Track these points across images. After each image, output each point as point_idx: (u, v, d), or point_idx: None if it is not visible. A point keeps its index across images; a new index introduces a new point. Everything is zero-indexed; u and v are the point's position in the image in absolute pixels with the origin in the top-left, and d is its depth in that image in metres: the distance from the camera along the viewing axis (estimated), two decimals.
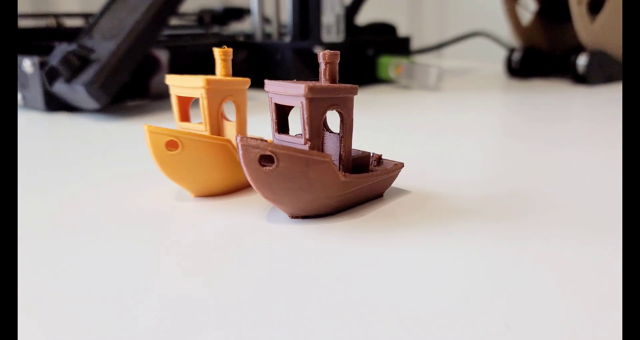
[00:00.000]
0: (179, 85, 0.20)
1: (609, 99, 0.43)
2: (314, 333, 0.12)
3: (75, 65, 0.36)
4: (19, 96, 0.41)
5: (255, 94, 0.49)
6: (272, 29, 0.52)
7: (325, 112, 0.18)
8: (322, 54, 0.18)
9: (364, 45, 0.51)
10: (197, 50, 0.48)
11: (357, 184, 0.19)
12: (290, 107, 0.19)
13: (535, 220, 0.18)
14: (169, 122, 0.36)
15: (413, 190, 0.22)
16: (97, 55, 0.36)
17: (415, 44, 0.83)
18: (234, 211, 0.20)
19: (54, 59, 0.36)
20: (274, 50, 0.48)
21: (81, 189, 0.22)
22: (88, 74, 0.35)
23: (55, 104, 0.39)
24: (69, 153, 0.28)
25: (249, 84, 0.21)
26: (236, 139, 0.17)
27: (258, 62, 0.50)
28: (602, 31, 0.51)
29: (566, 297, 0.13)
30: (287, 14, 0.49)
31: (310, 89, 0.17)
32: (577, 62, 0.51)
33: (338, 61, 0.19)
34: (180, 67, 0.45)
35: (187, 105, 0.21)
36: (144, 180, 0.23)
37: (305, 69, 0.47)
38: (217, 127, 0.20)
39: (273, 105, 0.19)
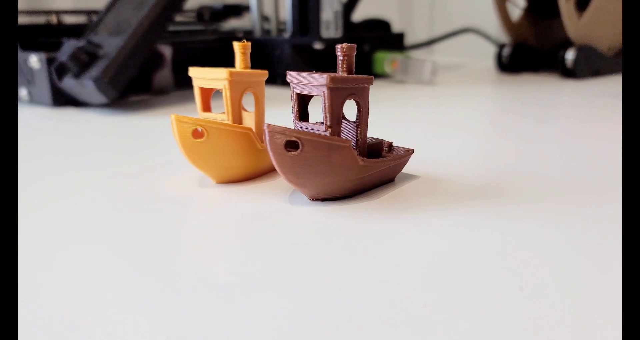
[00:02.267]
0: (202, 77, 0.22)
1: (596, 92, 0.45)
2: (336, 300, 0.13)
3: (84, 61, 0.36)
4: (25, 92, 0.42)
5: None
6: (271, 25, 0.53)
7: (344, 101, 0.19)
8: (340, 47, 0.20)
9: (361, 41, 0.52)
10: (198, 46, 0.49)
11: (374, 168, 0.20)
12: (310, 97, 0.20)
13: (538, 201, 0.20)
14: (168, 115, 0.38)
15: (422, 175, 0.23)
16: (104, 51, 0.37)
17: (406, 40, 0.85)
18: (257, 195, 0.21)
19: (63, 55, 0.37)
20: (273, 46, 0.49)
21: (105, 178, 0.24)
22: (97, 69, 0.36)
23: (62, 99, 0.40)
24: (84, 146, 0.29)
25: (267, 75, 0.23)
26: (263, 126, 0.18)
27: (258, 58, 0.51)
28: (589, 26, 0.53)
29: (570, 262, 0.15)
30: (286, 11, 0.50)
31: (332, 79, 0.18)
32: (565, 57, 0.52)
33: (355, 54, 0.20)
34: (182, 62, 0.46)
35: (208, 96, 0.23)
36: (164, 169, 0.25)
37: (305, 64, 0.48)
38: (238, 117, 0.22)
39: (295, 95, 0.20)
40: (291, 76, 0.20)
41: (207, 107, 0.23)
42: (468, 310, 0.13)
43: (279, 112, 0.38)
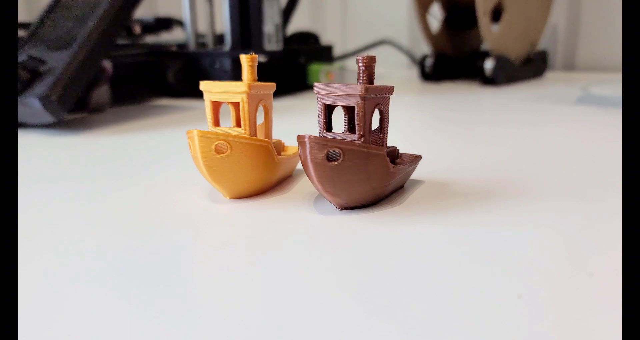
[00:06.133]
0: (216, 90, 0.21)
1: (519, 97, 0.50)
2: (419, 304, 0.14)
3: (25, 78, 0.34)
4: None
5: (201, 103, 0.48)
6: (207, 38, 0.52)
7: (374, 110, 0.20)
8: (361, 59, 0.20)
9: (296, 53, 0.53)
10: (131, 60, 0.47)
11: (399, 174, 0.21)
12: (334, 108, 0.21)
13: (537, 198, 0.22)
14: (115, 134, 0.36)
15: (427, 180, 0.24)
16: (47, 66, 0.34)
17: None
18: (282, 208, 0.21)
19: None
20: (212, 59, 0.48)
21: (101, 205, 0.22)
22: (42, 86, 0.33)
23: None
24: (52, 171, 0.27)
25: (275, 88, 0.23)
26: (304, 138, 0.18)
27: (195, 72, 0.49)
28: (502, 38, 0.57)
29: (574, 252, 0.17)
30: (222, 24, 0.49)
31: (367, 89, 0.19)
32: (484, 66, 0.57)
33: (375, 65, 0.20)
34: (117, 78, 0.44)
35: (218, 110, 0.22)
36: (163, 188, 0.23)
37: None
38: (255, 130, 0.21)
39: (322, 106, 0.20)
40: (319, 87, 0.20)
41: (217, 122, 0.22)
42: (557, 297, 0.14)
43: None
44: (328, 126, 0.20)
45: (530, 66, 0.63)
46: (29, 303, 0.14)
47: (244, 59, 0.22)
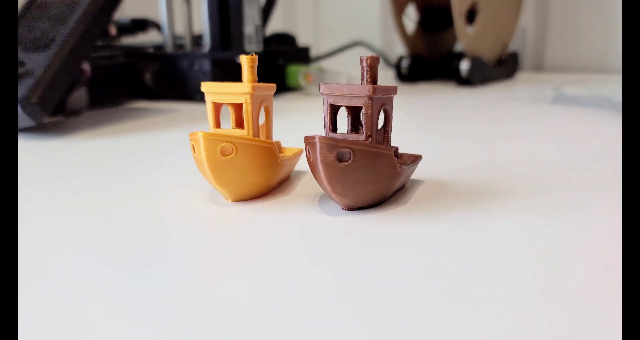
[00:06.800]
0: (219, 91, 0.21)
1: (491, 96, 0.50)
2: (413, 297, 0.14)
3: None
4: None
5: (180, 106, 0.48)
6: (185, 40, 0.51)
7: (380, 110, 0.20)
8: (364, 59, 0.20)
9: (275, 54, 0.52)
10: (108, 62, 0.46)
11: (404, 174, 0.21)
12: (338, 108, 0.20)
13: (535, 196, 0.22)
14: (96, 138, 0.35)
15: (426, 180, 0.24)
16: (27, 68, 0.33)
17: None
18: (284, 210, 0.20)
19: None
20: (190, 61, 0.48)
21: (105, 210, 0.21)
22: (21, 89, 0.32)
23: None
24: (42, 175, 0.26)
25: (275, 89, 0.22)
26: (313, 138, 0.18)
27: (173, 74, 0.49)
28: (476, 39, 0.58)
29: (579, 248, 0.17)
30: (202, 25, 0.49)
31: (375, 89, 0.19)
32: (460, 67, 0.57)
33: (378, 65, 0.20)
34: (94, 80, 0.43)
35: (219, 111, 0.22)
36: (160, 190, 0.23)
37: (226, 78, 0.47)
38: (257, 131, 0.21)
39: (328, 107, 0.20)
40: (326, 88, 0.20)
41: (218, 123, 0.22)
42: (577, 291, 0.14)
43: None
44: (334, 127, 0.20)
45: (502, 67, 0.64)
46: (28, 303, 0.13)
47: (244, 59, 0.21)
